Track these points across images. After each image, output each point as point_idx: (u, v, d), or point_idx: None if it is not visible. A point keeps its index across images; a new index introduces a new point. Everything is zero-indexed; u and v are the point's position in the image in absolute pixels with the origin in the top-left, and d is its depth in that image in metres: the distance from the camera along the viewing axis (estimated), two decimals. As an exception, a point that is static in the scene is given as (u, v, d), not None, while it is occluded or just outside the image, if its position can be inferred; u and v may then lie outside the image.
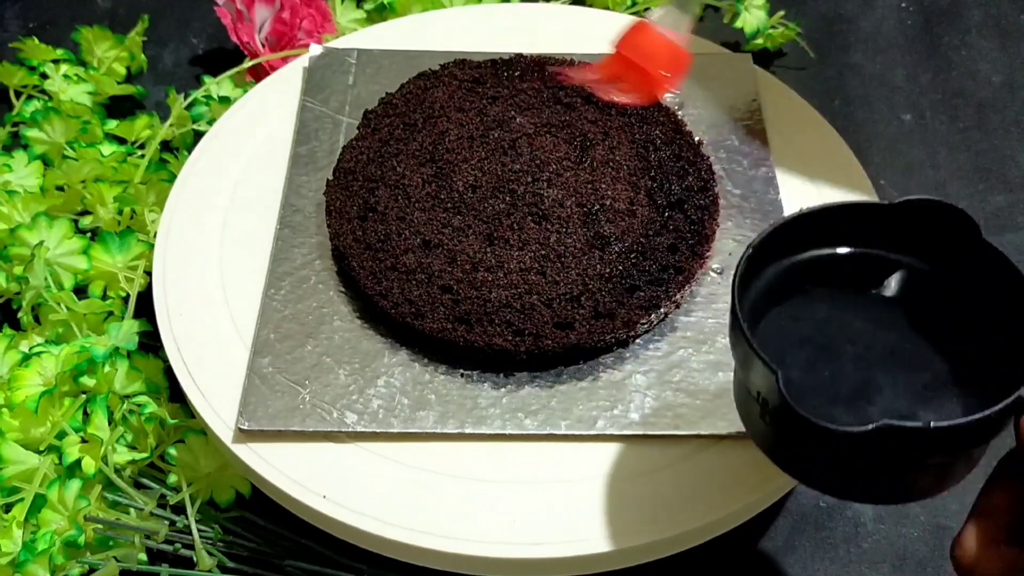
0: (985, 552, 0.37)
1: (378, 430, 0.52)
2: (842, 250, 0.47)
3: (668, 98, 0.67)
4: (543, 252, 0.56)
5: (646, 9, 0.83)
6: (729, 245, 0.60)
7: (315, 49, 0.71)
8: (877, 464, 0.41)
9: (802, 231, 0.46)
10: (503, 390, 0.54)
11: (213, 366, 0.56)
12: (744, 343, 0.41)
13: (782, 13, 0.83)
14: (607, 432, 0.52)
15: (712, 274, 0.59)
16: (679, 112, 0.65)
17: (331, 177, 0.62)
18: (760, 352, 0.40)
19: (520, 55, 0.67)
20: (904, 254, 0.46)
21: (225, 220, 0.62)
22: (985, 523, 0.37)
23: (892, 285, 0.46)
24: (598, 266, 0.56)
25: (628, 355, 0.55)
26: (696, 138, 0.63)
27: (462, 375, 0.54)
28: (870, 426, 0.37)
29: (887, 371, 0.43)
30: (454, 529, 0.50)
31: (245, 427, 0.52)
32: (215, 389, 0.55)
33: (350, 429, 0.52)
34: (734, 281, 0.43)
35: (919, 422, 0.37)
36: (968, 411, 0.38)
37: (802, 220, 0.46)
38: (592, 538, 0.49)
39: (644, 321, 0.55)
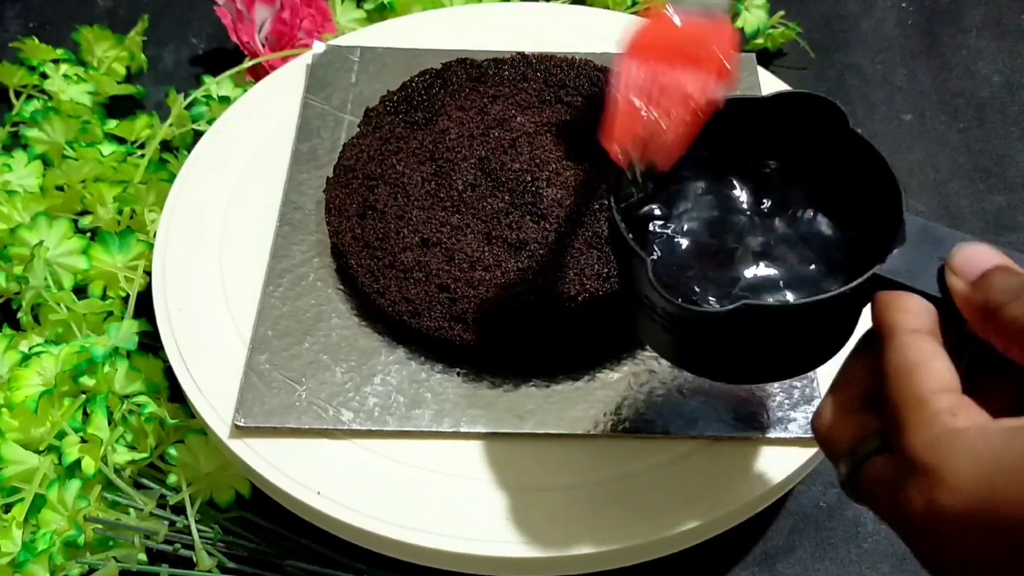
0: (839, 419, 0.38)
1: (374, 428, 0.52)
2: (720, 146, 0.47)
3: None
4: (541, 252, 0.56)
5: (646, 9, 0.83)
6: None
7: (318, 47, 0.71)
8: (748, 344, 0.42)
9: None
10: (499, 389, 0.54)
11: (212, 364, 0.56)
12: (620, 239, 0.42)
13: (782, 13, 0.83)
14: (602, 432, 0.52)
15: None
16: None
17: (331, 175, 0.62)
18: (632, 243, 0.42)
19: (521, 54, 0.67)
20: (781, 146, 0.47)
21: (225, 219, 0.62)
22: (842, 394, 0.39)
23: (770, 176, 0.47)
24: (596, 266, 0.56)
25: (624, 355, 0.55)
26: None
27: (459, 374, 0.54)
28: (731, 306, 0.39)
29: (765, 259, 0.44)
30: (448, 527, 0.50)
31: (241, 423, 0.52)
32: (213, 387, 0.55)
33: (346, 427, 0.52)
34: (612, 180, 0.44)
35: (777, 301, 0.39)
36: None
37: None
38: (588, 538, 0.49)
39: (642, 321, 0.55)
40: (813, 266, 0.44)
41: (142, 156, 0.72)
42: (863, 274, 0.39)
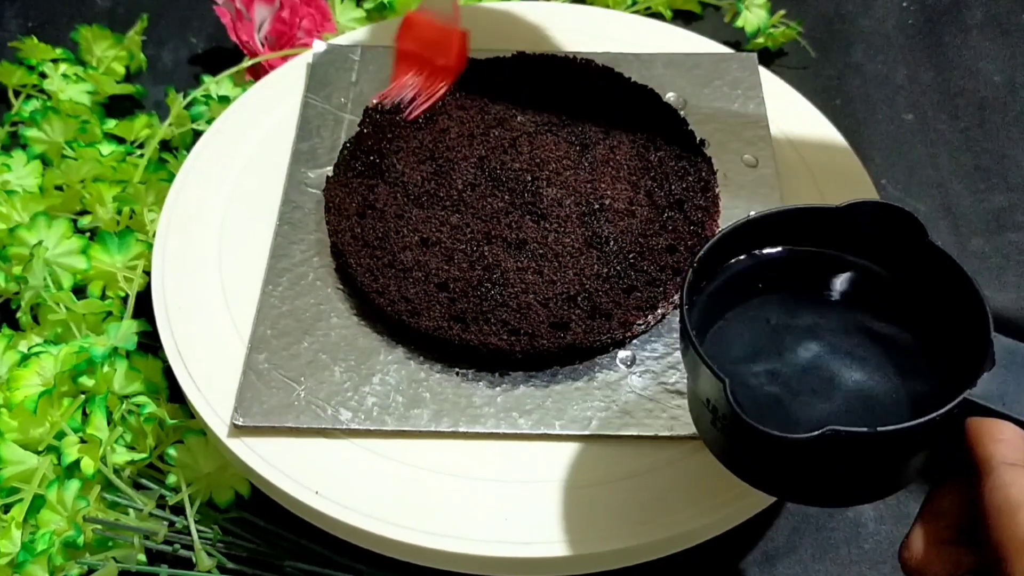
0: (931, 552, 0.37)
1: (372, 428, 0.52)
2: (793, 253, 0.46)
3: (671, 97, 0.67)
4: (540, 251, 0.56)
5: (646, 8, 0.83)
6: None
7: (319, 46, 0.70)
8: (827, 469, 0.41)
9: (752, 236, 0.46)
10: (498, 389, 0.54)
11: (211, 364, 0.56)
12: (692, 351, 0.41)
13: (783, 12, 0.83)
14: (602, 432, 0.52)
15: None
16: (681, 111, 0.65)
17: (331, 174, 0.62)
18: (707, 360, 0.40)
19: (521, 53, 0.67)
20: (854, 255, 0.46)
21: (224, 219, 0.62)
22: (932, 524, 0.38)
23: (843, 287, 0.46)
24: (595, 266, 0.56)
25: (624, 356, 0.55)
26: (698, 138, 0.63)
27: (457, 374, 0.54)
28: (815, 433, 0.37)
29: (837, 374, 0.43)
30: (446, 527, 0.50)
31: (240, 423, 0.52)
32: (212, 386, 0.54)
33: (345, 426, 0.52)
34: (681, 290, 0.43)
35: (864, 428, 0.37)
36: (917, 414, 0.38)
37: (751, 225, 0.45)
38: (587, 538, 0.49)
39: (641, 322, 0.55)
40: (890, 385, 0.42)
41: (141, 156, 0.72)
42: (951, 397, 0.37)
